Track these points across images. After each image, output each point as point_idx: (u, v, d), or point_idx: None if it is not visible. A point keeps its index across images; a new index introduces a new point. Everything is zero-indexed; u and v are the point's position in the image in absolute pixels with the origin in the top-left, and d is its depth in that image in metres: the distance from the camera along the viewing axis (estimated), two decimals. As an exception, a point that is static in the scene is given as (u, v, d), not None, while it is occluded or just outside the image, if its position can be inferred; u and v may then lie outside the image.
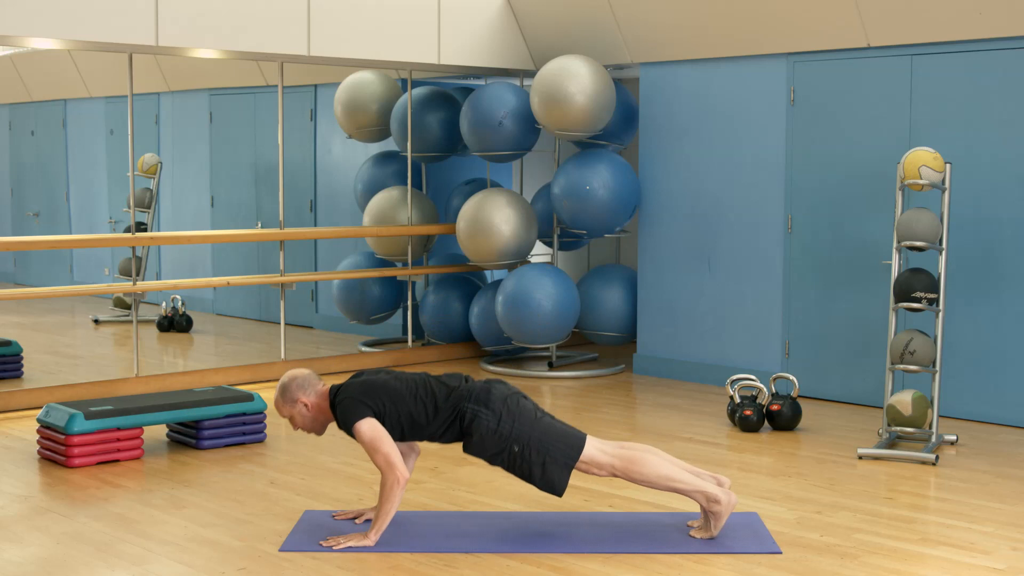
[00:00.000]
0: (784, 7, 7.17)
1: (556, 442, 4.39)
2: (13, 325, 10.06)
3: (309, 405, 4.52)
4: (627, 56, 8.14)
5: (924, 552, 4.41)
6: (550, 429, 4.42)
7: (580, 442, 4.42)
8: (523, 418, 4.41)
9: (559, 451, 4.38)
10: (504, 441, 4.38)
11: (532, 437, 4.38)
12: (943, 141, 6.59)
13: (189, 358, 9.00)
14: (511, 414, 4.40)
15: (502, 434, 4.38)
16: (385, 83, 8.94)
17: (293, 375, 4.56)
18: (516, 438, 4.38)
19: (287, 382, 4.53)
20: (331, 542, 4.40)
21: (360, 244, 9.38)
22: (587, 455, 4.41)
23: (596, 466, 4.43)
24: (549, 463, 4.38)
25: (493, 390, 4.47)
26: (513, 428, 4.38)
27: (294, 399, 4.52)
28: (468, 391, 4.46)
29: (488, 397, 4.43)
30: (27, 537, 4.55)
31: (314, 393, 4.53)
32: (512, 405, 4.43)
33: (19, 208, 12.54)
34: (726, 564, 4.24)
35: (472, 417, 4.40)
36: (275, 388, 4.63)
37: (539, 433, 4.39)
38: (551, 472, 4.39)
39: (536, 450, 4.37)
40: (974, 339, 6.61)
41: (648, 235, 8.17)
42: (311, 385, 4.54)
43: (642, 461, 4.43)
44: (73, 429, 5.52)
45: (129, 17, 6.87)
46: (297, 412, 4.53)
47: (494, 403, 4.41)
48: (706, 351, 7.88)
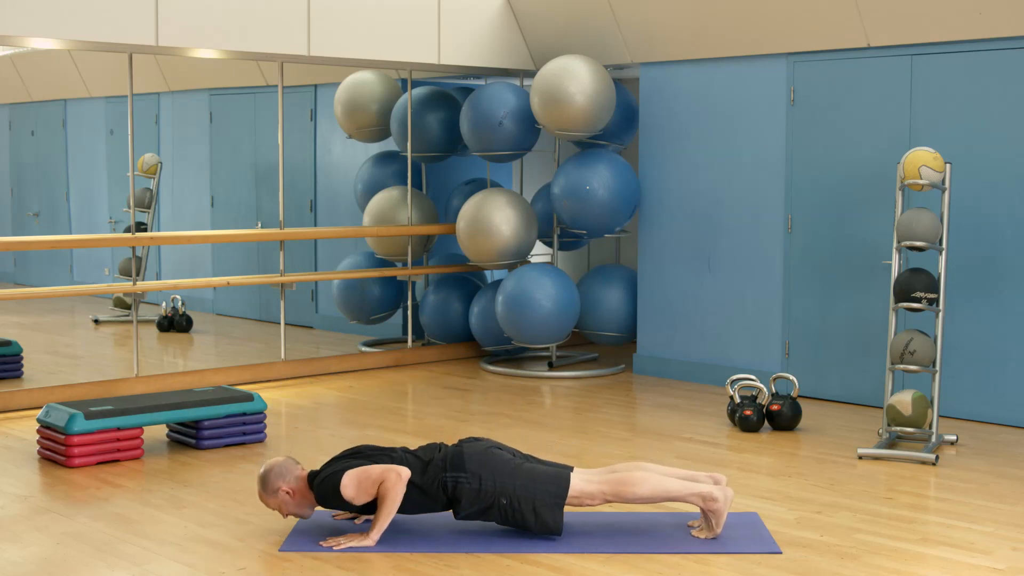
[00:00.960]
0: (784, 7, 7.17)
1: (541, 485, 4.42)
2: (13, 325, 10.06)
3: (292, 492, 4.52)
4: (627, 56, 8.14)
5: (924, 552, 4.41)
6: (532, 474, 4.45)
7: (565, 479, 4.44)
8: (502, 470, 4.44)
9: (546, 493, 4.42)
10: (490, 498, 4.42)
11: (516, 486, 4.42)
12: (943, 141, 6.59)
13: (189, 358, 9.00)
14: (489, 470, 4.44)
15: (486, 492, 4.42)
16: (385, 83, 8.94)
17: (270, 465, 4.54)
18: (501, 491, 4.42)
19: (265, 473, 4.53)
20: (331, 542, 4.40)
21: (360, 244, 9.38)
22: (575, 489, 4.45)
23: (588, 496, 4.46)
24: (539, 507, 4.41)
25: (465, 452, 4.50)
26: (495, 483, 4.42)
27: (275, 489, 4.52)
28: (442, 461, 4.49)
29: (462, 461, 4.46)
30: (27, 537, 4.55)
31: (293, 479, 4.53)
32: (488, 461, 4.46)
33: (19, 208, 12.54)
34: (726, 564, 4.24)
35: (454, 484, 4.44)
36: (256, 480, 4.60)
37: (522, 481, 4.43)
38: (544, 515, 4.42)
39: (523, 498, 4.41)
40: (974, 339, 6.61)
41: (648, 235, 8.17)
42: (289, 471, 4.54)
43: (631, 481, 4.46)
44: (73, 429, 5.52)
45: (129, 17, 6.87)
46: (281, 501, 4.53)
47: (470, 465, 4.45)
48: (706, 351, 7.88)
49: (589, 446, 6.10)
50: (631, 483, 4.45)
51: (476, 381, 7.97)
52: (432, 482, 4.46)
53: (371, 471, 4.42)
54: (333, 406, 7.18)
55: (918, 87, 6.79)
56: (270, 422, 6.45)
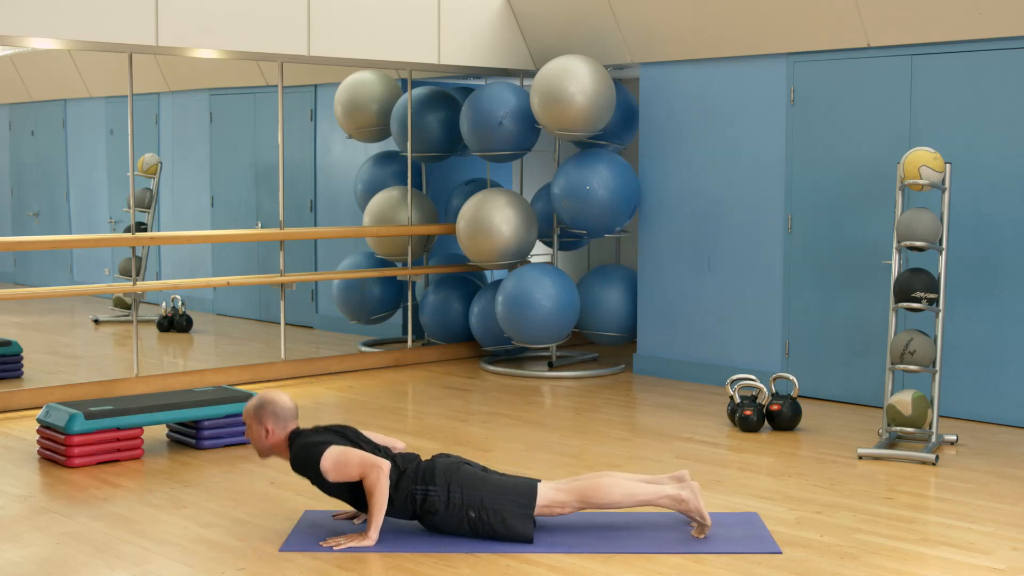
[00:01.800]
0: (784, 7, 7.17)
1: (508, 495, 4.44)
2: (13, 325, 10.06)
3: (270, 433, 4.57)
4: (627, 56, 8.14)
5: (924, 552, 4.41)
6: (499, 485, 4.47)
7: (532, 489, 4.46)
8: (469, 482, 4.46)
9: (514, 503, 4.43)
10: (459, 510, 4.44)
11: (484, 498, 4.43)
12: (943, 141, 6.59)
13: (189, 358, 9.00)
14: (457, 483, 4.46)
15: (455, 504, 4.44)
16: (385, 83, 8.94)
17: (275, 401, 4.59)
18: (469, 504, 4.44)
19: (266, 403, 4.57)
20: (331, 543, 4.40)
21: (360, 244, 9.38)
22: (544, 497, 4.46)
23: (557, 504, 4.47)
24: (508, 517, 4.42)
25: (436, 466, 4.53)
26: (463, 496, 4.44)
27: (262, 421, 4.56)
28: (414, 473, 4.51)
29: (432, 475, 4.49)
30: (27, 537, 4.55)
31: (282, 429, 4.57)
32: (455, 474, 4.49)
33: (19, 208, 12.55)
34: (726, 564, 4.24)
35: (423, 498, 4.47)
36: (255, 397, 4.63)
37: (489, 492, 4.44)
38: (513, 525, 4.43)
39: (491, 509, 4.42)
40: (974, 339, 6.61)
41: (648, 235, 8.17)
42: (284, 420, 4.58)
43: (599, 487, 4.47)
44: (73, 429, 5.52)
45: (129, 17, 6.87)
46: (257, 432, 4.58)
47: (438, 478, 4.47)
48: (706, 351, 7.88)
49: (589, 446, 6.10)
50: (598, 489, 4.47)
51: (476, 381, 7.97)
52: (402, 493, 4.49)
53: (351, 455, 4.44)
54: (333, 406, 7.18)
55: (918, 87, 6.79)
56: (270, 422, 6.44)
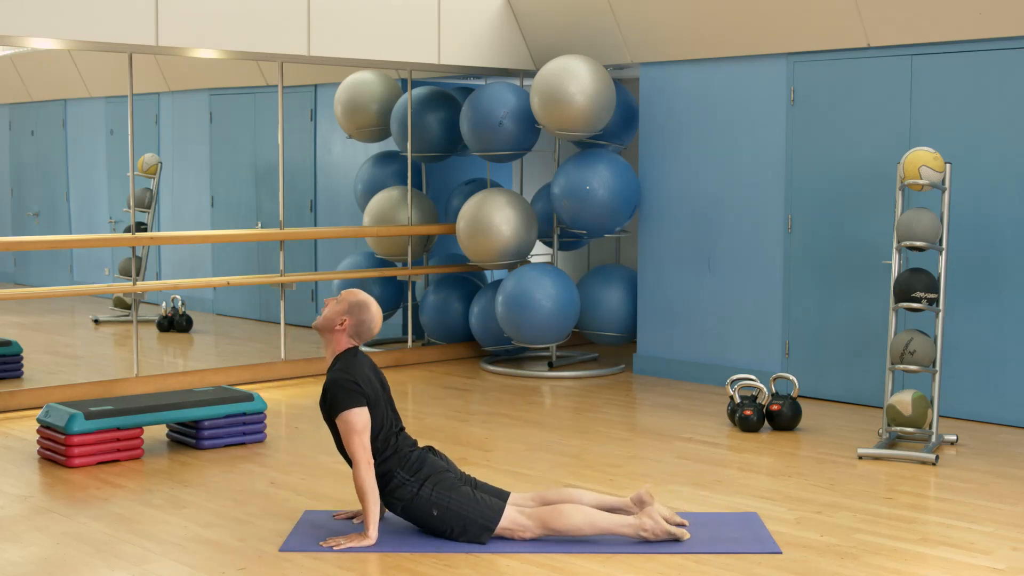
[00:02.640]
0: (784, 7, 7.17)
1: (476, 508, 4.45)
2: (13, 325, 10.06)
3: (343, 326, 4.58)
4: (627, 56, 8.14)
5: (924, 552, 4.41)
6: (469, 497, 4.47)
7: (499, 511, 4.46)
8: (442, 485, 4.48)
9: (479, 516, 4.44)
10: (425, 505, 4.46)
11: (451, 501, 4.45)
12: (943, 141, 6.59)
13: (189, 358, 9.00)
14: (432, 481, 4.48)
15: (423, 499, 4.46)
16: (385, 83, 8.94)
17: (373, 316, 4.60)
18: (436, 503, 4.45)
19: (364, 308, 4.58)
20: (331, 543, 4.40)
21: (360, 244, 9.37)
22: (508, 519, 4.45)
23: (520, 528, 4.46)
24: (468, 527, 4.44)
25: (425, 461, 4.55)
26: (432, 493, 4.46)
27: (352, 312, 4.58)
28: (405, 458, 4.54)
29: (420, 467, 4.52)
30: (27, 537, 4.55)
31: (351, 334, 4.59)
32: (434, 474, 4.51)
33: (19, 208, 12.53)
34: (726, 564, 4.24)
35: (399, 484, 4.49)
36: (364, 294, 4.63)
37: (458, 499, 4.45)
38: (469, 535, 4.44)
39: (455, 515, 4.44)
40: (974, 339, 6.61)
41: (648, 235, 8.17)
42: (360, 334, 4.60)
43: (560, 513, 4.44)
44: (73, 429, 5.52)
45: (129, 17, 6.87)
46: (337, 314, 4.58)
47: (421, 472, 4.50)
48: (706, 351, 7.88)
49: (589, 446, 6.10)
50: (561, 515, 4.44)
51: (476, 381, 7.97)
52: (387, 468, 4.51)
53: (359, 437, 4.42)
54: (333, 406, 7.17)
55: (918, 87, 6.79)
56: (270, 422, 6.45)
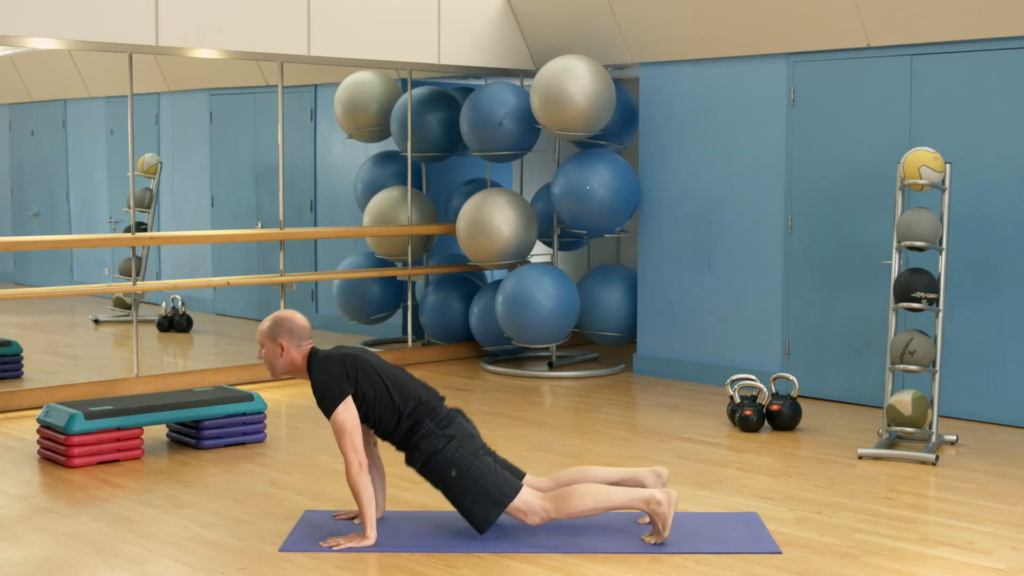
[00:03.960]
0: (784, 7, 7.16)
1: (493, 480, 4.44)
2: (13, 325, 10.06)
3: (285, 351, 4.55)
4: (627, 56, 8.14)
5: (924, 552, 4.41)
6: (490, 468, 4.46)
7: (516, 488, 4.45)
8: (467, 448, 4.48)
9: (494, 488, 4.43)
10: (446, 465, 4.45)
11: (471, 468, 4.44)
12: (943, 141, 6.59)
13: (189, 358, 9.00)
14: (458, 441, 4.48)
15: (446, 455, 4.45)
16: (385, 83, 8.94)
17: (290, 317, 4.58)
18: (457, 463, 4.44)
19: (281, 320, 4.56)
20: (331, 542, 4.40)
21: (360, 244, 9.37)
22: (522, 500, 4.44)
23: (532, 513, 4.44)
24: (480, 497, 4.42)
25: (455, 419, 4.55)
26: (456, 453, 4.45)
27: (276, 339, 4.54)
28: (434, 409, 4.54)
29: (448, 424, 4.52)
30: (27, 537, 4.55)
31: (297, 347, 4.56)
32: (462, 435, 4.50)
33: (19, 208, 12.53)
34: (726, 564, 4.24)
35: (425, 435, 4.48)
36: (269, 317, 4.61)
37: (478, 467, 4.44)
38: (478, 509, 4.42)
39: (471, 481, 4.43)
40: (974, 339, 6.61)
41: (648, 235, 8.17)
42: (300, 336, 4.57)
43: (571, 495, 4.43)
44: (73, 429, 5.52)
45: (129, 17, 6.87)
46: (271, 350, 4.56)
47: (449, 429, 4.50)
48: (706, 351, 7.88)
49: (589, 446, 6.10)
50: (572, 497, 4.43)
51: (476, 381, 7.97)
52: (413, 420, 4.48)
53: (347, 436, 4.40)
54: (333, 406, 7.17)
55: (918, 87, 6.79)
56: (270, 422, 6.45)
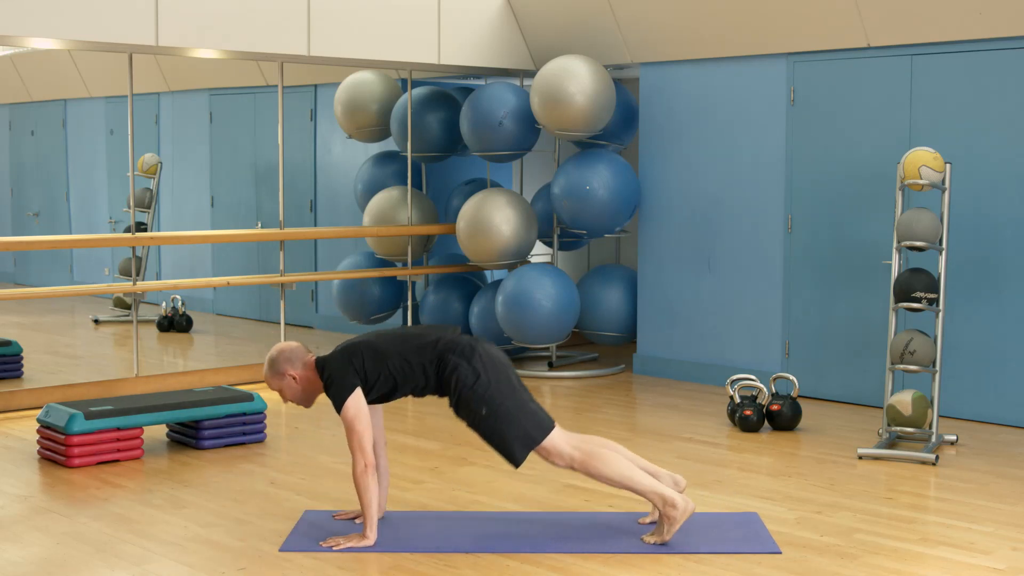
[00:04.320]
0: (784, 7, 7.16)
1: (525, 419, 4.37)
2: (13, 325, 10.06)
3: (298, 377, 4.50)
4: (627, 56, 8.14)
5: (924, 552, 4.41)
6: (522, 405, 4.40)
7: (548, 426, 4.40)
8: (500, 386, 4.39)
9: (525, 427, 4.36)
10: (476, 401, 4.36)
11: (503, 406, 4.36)
12: (943, 141, 6.59)
13: (189, 358, 9.00)
14: (488, 376, 4.38)
15: (476, 392, 4.36)
16: (385, 83, 8.94)
17: (280, 348, 4.54)
18: (487, 401, 4.36)
19: (275, 355, 4.52)
20: (330, 542, 4.40)
21: (360, 244, 9.37)
22: (551, 441, 4.39)
23: (557, 455, 4.40)
24: (511, 436, 4.36)
25: (477, 348, 4.44)
26: (487, 391, 4.36)
27: (282, 372, 4.50)
28: (455, 343, 4.44)
29: (472, 353, 4.41)
30: (27, 537, 4.55)
31: (301, 365, 4.51)
32: (491, 369, 4.40)
33: (19, 208, 12.53)
34: (726, 564, 4.24)
35: (453, 368, 4.38)
36: (265, 360, 4.57)
37: (510, 404, 4.37)
38: (512, 446, 4.37)
39: (502, 419, 4.35)
40: (974, 339, 6.61)
41: (648, 235, 8.17)
42: (298, 357, 4.52)
43: (602, 458, 4.40)
44: (73, 429, 5.52)
45: (129, 17, 6.87)
46: (286, 385, 4.52)
47: (476, 360, 4.39)
48: (706, 351, 7.88)
49: (589, 446, 6.09)
50: (601, 460, 4.39)
51: (476, 381, 7.96)
52: (436, 359, 4.40)
53: (359, 426, 4.36)
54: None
55: (918, 87, 6.79)
56: (270, 422, 6.45)
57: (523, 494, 5.16)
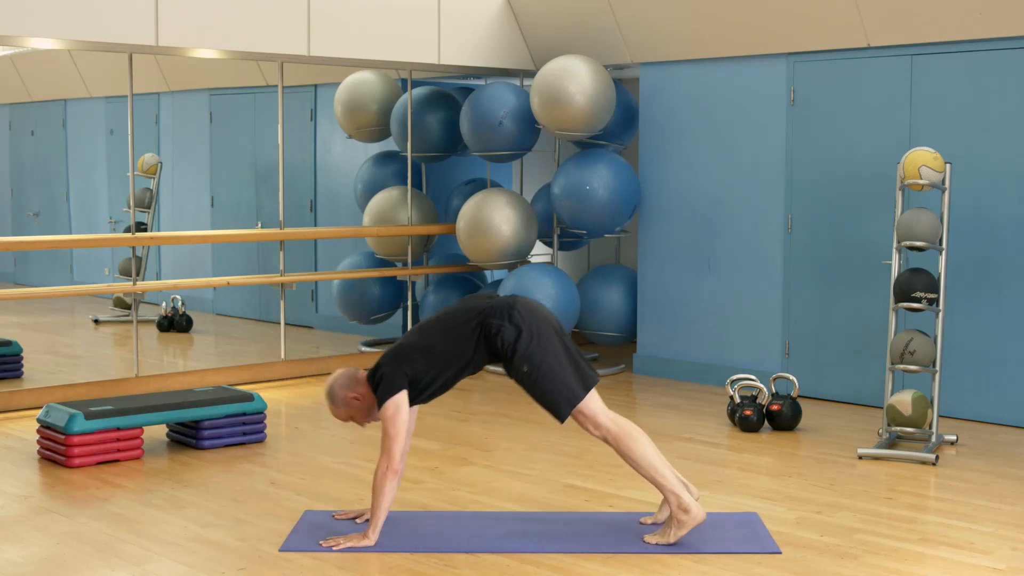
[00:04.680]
0: (784, 7, 7.17)
1: (566, 373, 4.36)
2: (13, 325, 10.06)
3: (359, 396, 4.47)
4: (627, 56, 8.14)
5: (924, 552, 4.41)
6: (564, 360, 4.38)
7: (590, 380, 4.40)
8: (541, 341, 4.37)
9: (567, 383, 4.36)
10: (519, 359, 4.35)
11: (544, 362, 4.35)
12: (943, 141, 6.59)
13: (189, 358, 9.00)
14: (530, 331, 4.37)
15: (518, 350, 4.35)
16: (385, 83, 8.94)
17: (332, 378, 4.51)
18: (529, 358, 4.35)
19: (329, 388, 4.49)
20: (331, 542, 4.40)
21: (360, 244, 9.38)
22: (590, 407, 4.38)
23: (594, 424, 4.40)
24: (555, 392, 4.35)
25: (516, 304, 4.43)
26: (529, 348, 4.35)
27: (344, 399, 4.47)
28: (493, 306, 4.42)
29: (511, 311, 4.39)
30: (27, 537, 4.55)
31: (356, 383, 4.48)
32: (532, 323, 4.39)
33: (19, 208, 12.54)
34: (726, 564, 4.24)
35: (496, 331, 4.36)
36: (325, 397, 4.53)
37: (552, 360, 4.36)
38: (556, 401, 4.37)
39: (545, 376, 4.35)
40: (974, 339, 6.61)
41: (648, 235, 8.17)
42: (350, 377, 4.50)
43: (637, 439, 4.40)
44: (73, 429, 5.52)
45: (129, 17, 6.87)
46: (354, 409, 4.49)
47: (516, 317, 4.38)
48: (706, 351, 7.88)
49: (589, 446, 6.09)
50: (635, 441, 4.39)
51: (476, 381, 7.97)
52: (479, 328, 4.38)
53: (395, 429, 4.35)
54: (333, 406, 7.17)
55: (918, 87, 6.79)
56: (270, 422, 6.45)
57: (523, 494, 5.16)
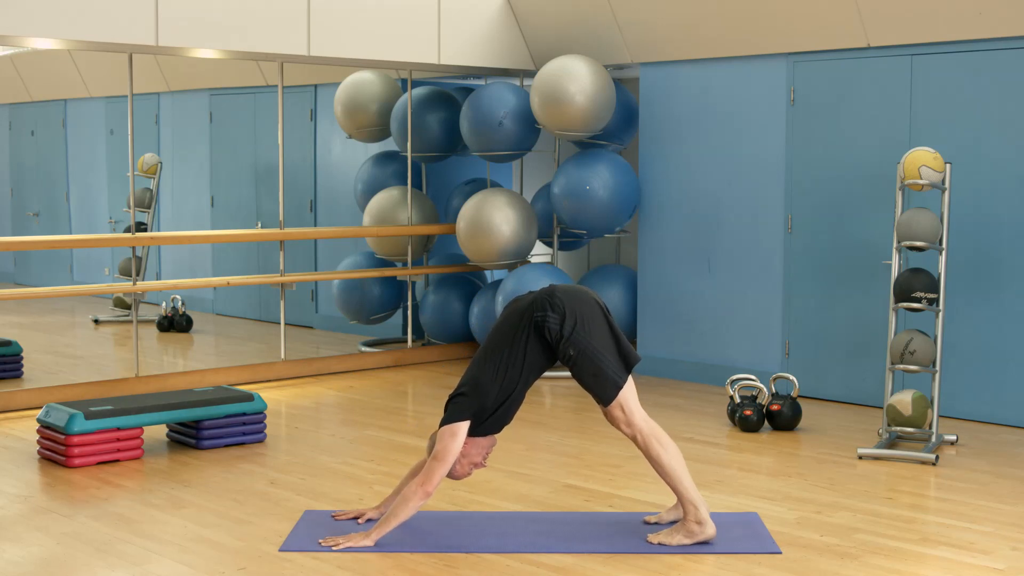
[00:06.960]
0: (784, 7, 7.17)
1: (609, 359, 4.39)
2: (13, 325, 10.06)
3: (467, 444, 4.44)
4: (627, 56, 8.14)
5: (924, 552, 4.41)
6: (608, 343, 4.40)
7: (632, 360, 4.44)
8: (585, 323, 4.39)
9: (612, 366, 4.39)
10: (565, 345, 4.37)
11: (589, 346, 4.38)
12: (943, 141, 6.59)
13: (189, 358, 9.00)
14: (573, 315, 4.39)
15: (564, 335, 4.37)
16: (385, 83, 8.94)
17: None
18: (574, 342, 4.37)
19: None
20: (331, 542, 4.40)
21: (360, 244, 9.38)
22: (628, 403, 4.41)
23: (627, 421, 4.42)
24: (601, 376, 4.38)
25: (555, 291, 4.44)
26: (573, 332, 4.37)
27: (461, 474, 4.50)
28: (534, 302, 4.44)
29: (552, 298, 4.41)
30: (27, 537, 4.55)
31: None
32: (574, 305, 4.40)
33: (19, 208, 12.53)
34: (726, 564, 4.24)
35: (542, 322, 4.39)
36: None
37: (596, 343, 4.38)
38: (600, 385, 4.39)
39: (590, 360, 4.38)
40: (974, 339, 6.61)
41: (648, 235, 8.17)
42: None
43: (666, 444, 4.44)
44: (73, 429, 5.52)
45: (129, 17, 6.87)
46: (472, 462, 4.48)
47: (556, 302, 4.40)
48: (706, 351, 7.88)
49: (589, 446, 6.10)
50: (664, 444, 4.43)
51: (476, 381, 7.96)
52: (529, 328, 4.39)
53: (448, 456, 4.35)
54: (333, 406, 7.18)
55: (918, 87, 6.79)
56: (270, 422, 6.45)
57: (523, 494, 5.16)
